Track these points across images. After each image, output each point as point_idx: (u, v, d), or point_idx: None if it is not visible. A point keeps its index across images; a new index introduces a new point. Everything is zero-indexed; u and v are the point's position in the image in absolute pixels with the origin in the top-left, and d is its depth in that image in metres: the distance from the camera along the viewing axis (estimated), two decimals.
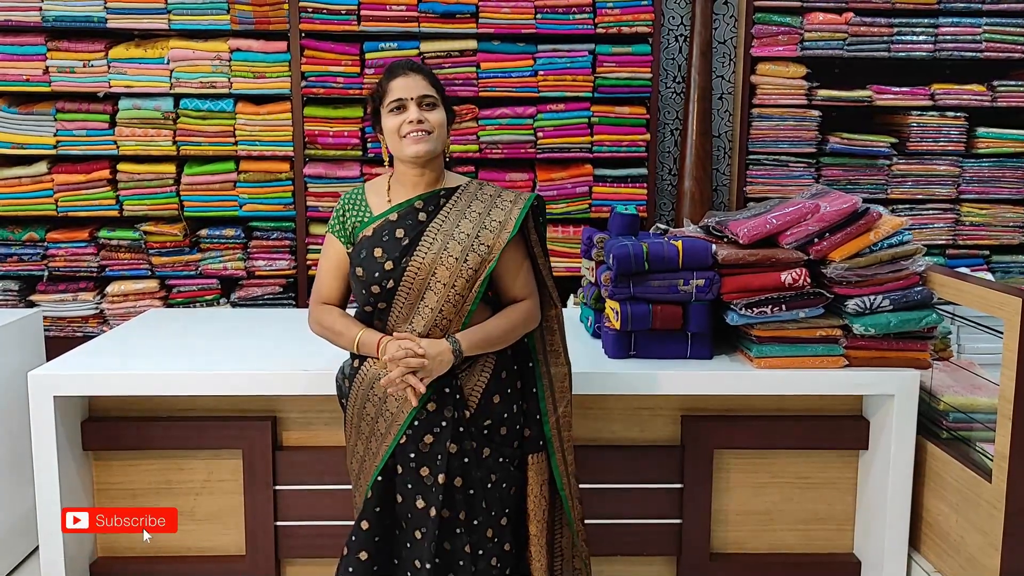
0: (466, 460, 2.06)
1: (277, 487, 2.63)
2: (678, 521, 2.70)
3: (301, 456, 2.63)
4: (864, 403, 2.70)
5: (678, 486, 2.68)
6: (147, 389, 2.50)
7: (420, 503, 2.06)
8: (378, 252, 2.05)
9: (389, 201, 2.11)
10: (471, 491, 2.07)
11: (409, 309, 2.05)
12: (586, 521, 2.34)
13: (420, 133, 2.04)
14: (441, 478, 2.03)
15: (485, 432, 2.09)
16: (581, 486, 2.31)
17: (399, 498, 2.09)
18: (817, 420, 2.68)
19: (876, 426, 2.64)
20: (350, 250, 2.11)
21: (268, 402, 2.61)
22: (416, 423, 2.05)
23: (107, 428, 2.61)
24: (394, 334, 2.05)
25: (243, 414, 2.61)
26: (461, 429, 2.05)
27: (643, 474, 2.67)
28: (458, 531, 2.06)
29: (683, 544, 2.70)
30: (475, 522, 2.08)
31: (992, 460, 2.32)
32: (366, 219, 2.11)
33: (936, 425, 2.62)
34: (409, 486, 2.07)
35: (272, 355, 2.65)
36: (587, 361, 2.61)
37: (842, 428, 2.68)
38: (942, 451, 2.52)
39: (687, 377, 2.56)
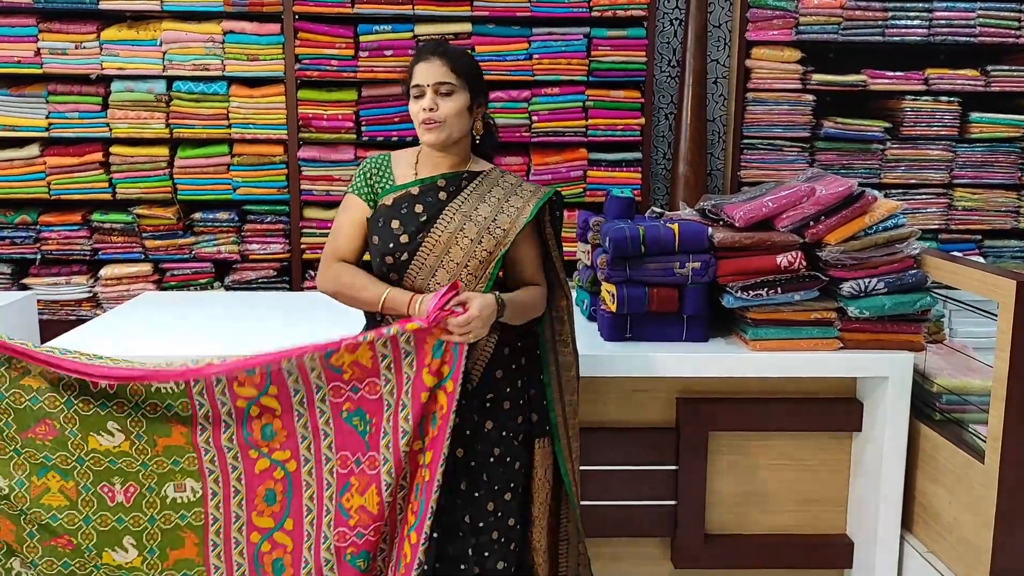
0: (468, 432, 2.08)
1: None
2: (673, 503, 2.71)
3: None
4: (858, 385, 2.71)
5: (673, 468, 2.70)
6: None
7: None
8: (395, 224, 2.06)
9: (416, 174, 2.14)
10: (472, 463, 2.09)
11: (420, 284, 2.06)
12: (581, 503, 2.35)
13: (431, 123, 2.06)
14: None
15: (488, 406, 2.11)
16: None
17: None
18: (811, 402, 2.69)
19: (870, 408, 2.66)
20: (370, 214, 2.12)
21: None
22: None
23: None
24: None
25: None
26: (463, 402, 2.05)
27: (638, 456, 2.69)
28: (457, 502, 2.08)
29: (678, 525, 2.71)
30: (476, 495, 2.10)
31: (985, 441, 2.33)
32: (388, 187, 2.13)
33: (929, 407, 2.64)
34: None
35: (267, 338, 2.63)
36: (583, 344, 2.59)
37: (836, 410, 2.70)
38: (935, 433, 2.54)
39: (682, 360, 2.57)
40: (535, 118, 4.17)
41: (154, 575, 2.03)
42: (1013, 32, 4.27)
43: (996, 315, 2.28)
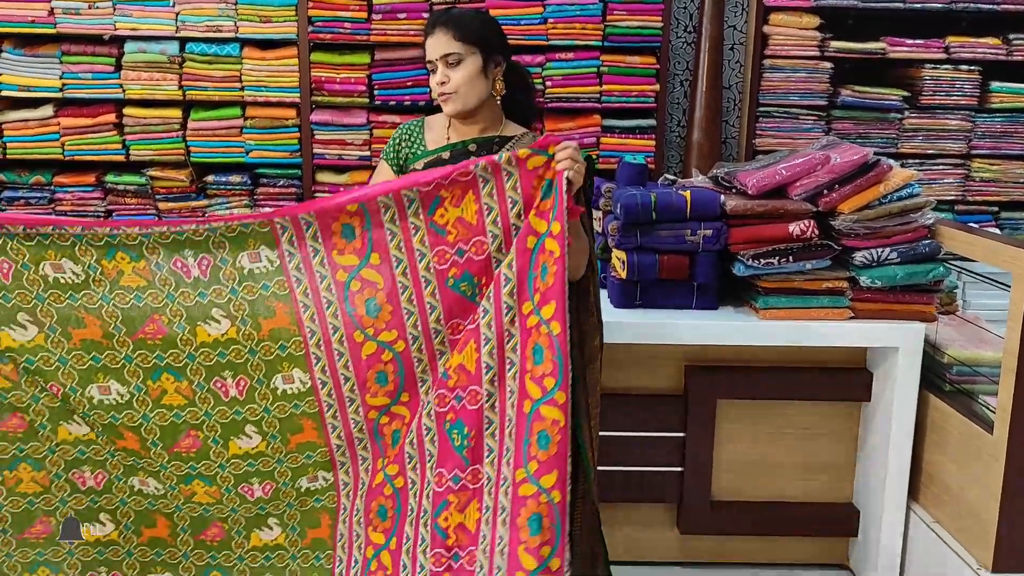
0: None
1: None
2: (680, 469, 2.73)
3: None
4: (868, 355, 2.71)
5: (680, 435, 2.71)
6: None
7: None
8: None
9: (448, 139, 2.16)
10: None
11: None
12: None
13: (444, 96, 2.08)
14: None
15: None
16: None
17: None
18: (820, 372, 2.69)
19: (879, 378, 2.65)
20: None
21: None
22: None
23: None
24: None
25: None
26: None
27: (646, 423, 2.70)
28: None
29: (684, 492, 2.73)
30: None
31: (994, 413, 2.33)
32: (419, 152, 2.15)
33: (939, 378, 2.64)
34: None
35: None
36: None
37: (845, 380, 2.70)
38: (944, 404, 2.54)
39: (692, 327, 2.57)
40: (549, 83, 4.13)
41: (279, 458, 2.06)
42: None
43: (1010, 286, 2.26)
